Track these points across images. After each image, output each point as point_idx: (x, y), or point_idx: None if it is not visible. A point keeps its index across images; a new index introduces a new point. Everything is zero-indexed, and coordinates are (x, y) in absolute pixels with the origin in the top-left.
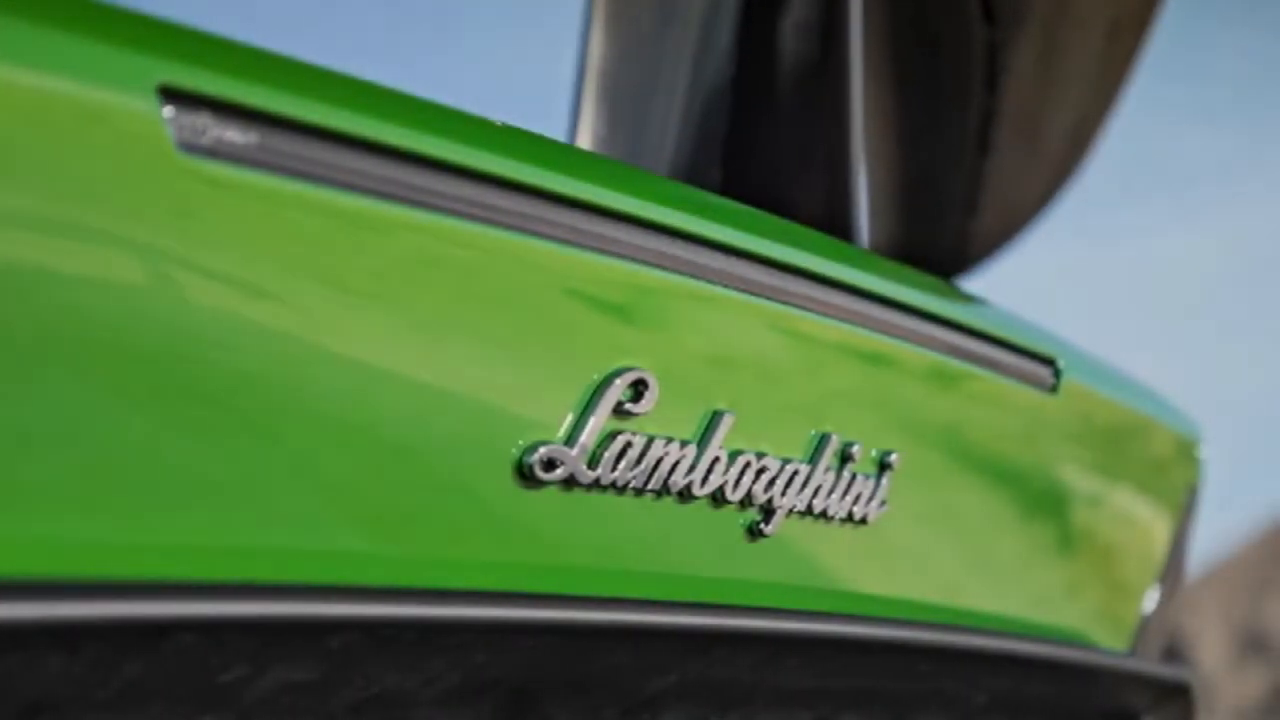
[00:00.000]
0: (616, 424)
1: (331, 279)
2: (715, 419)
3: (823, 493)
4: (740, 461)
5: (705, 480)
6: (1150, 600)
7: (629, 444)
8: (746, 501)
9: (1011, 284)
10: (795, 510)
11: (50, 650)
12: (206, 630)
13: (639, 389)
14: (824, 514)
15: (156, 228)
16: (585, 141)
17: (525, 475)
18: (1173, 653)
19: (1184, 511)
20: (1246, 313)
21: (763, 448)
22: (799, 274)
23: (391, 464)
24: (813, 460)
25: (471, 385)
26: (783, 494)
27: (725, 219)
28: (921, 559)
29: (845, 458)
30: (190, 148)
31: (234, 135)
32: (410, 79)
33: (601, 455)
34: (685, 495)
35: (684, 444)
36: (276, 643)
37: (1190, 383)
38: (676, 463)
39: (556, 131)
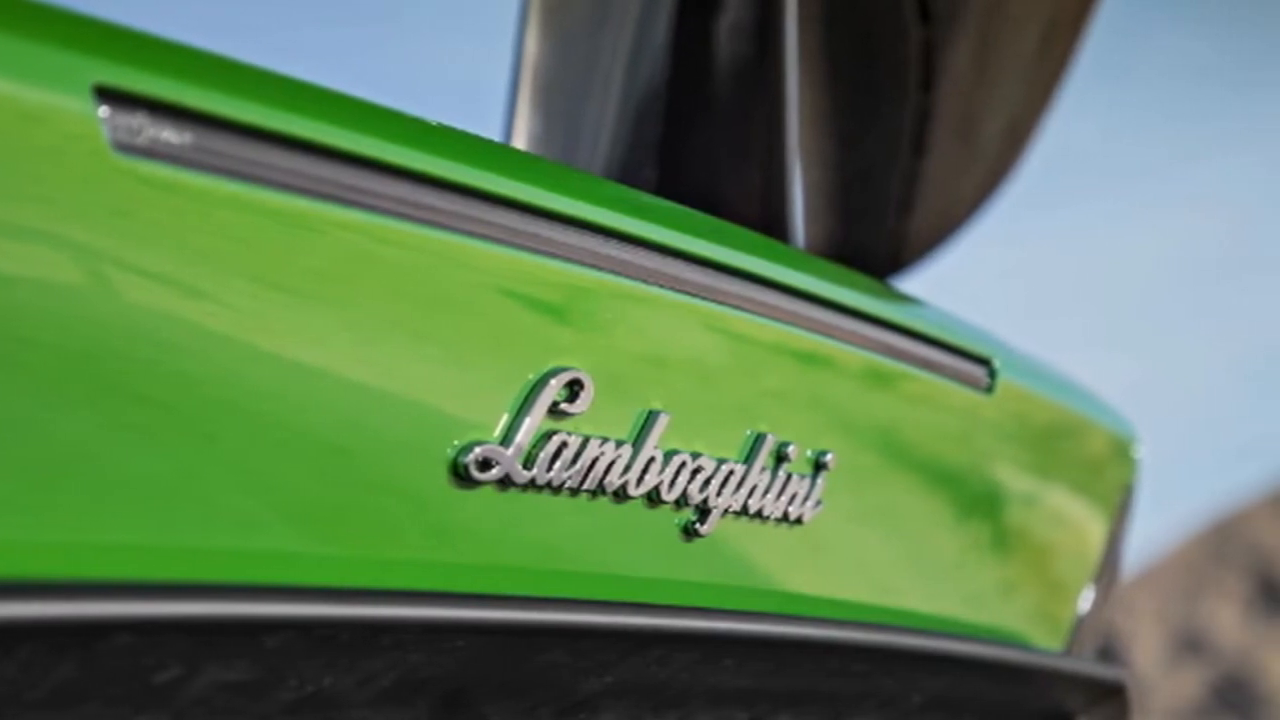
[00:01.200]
0: (552, 424)
1: (267, 279)
2: (651, 419)
3: (758, 493)
4: (676, 462)
5: (641, 480)
6: (1086, 600)
7: (564, 444)
8: (682, 502)
9: (948, 284)
10: (731, 510)
11: None
12: (141, 630)
13: (574, 389)
14: (759, 514)
15: (92, 228)
16: (521, 141)
17: (461, 475)
18: (1108, 653)
19: (1120, 511)
20: (1184, 313)
21: (698, 448)
22: (735, 274)
23: (327, 463)
24: (748, 460)
25: (407, 385)
26: (718, 494)
27: (661, 219)
28: (857, 559)
29: (781, 458)
30: (126, 148)
31: (170, 135)
32: (346, 79)
33: (537, 455)
34: (621, 495)
35: (619, 444)
36: (211, 643)
37: (1126, 383)
38: (612, 463)
39: (492, 131)
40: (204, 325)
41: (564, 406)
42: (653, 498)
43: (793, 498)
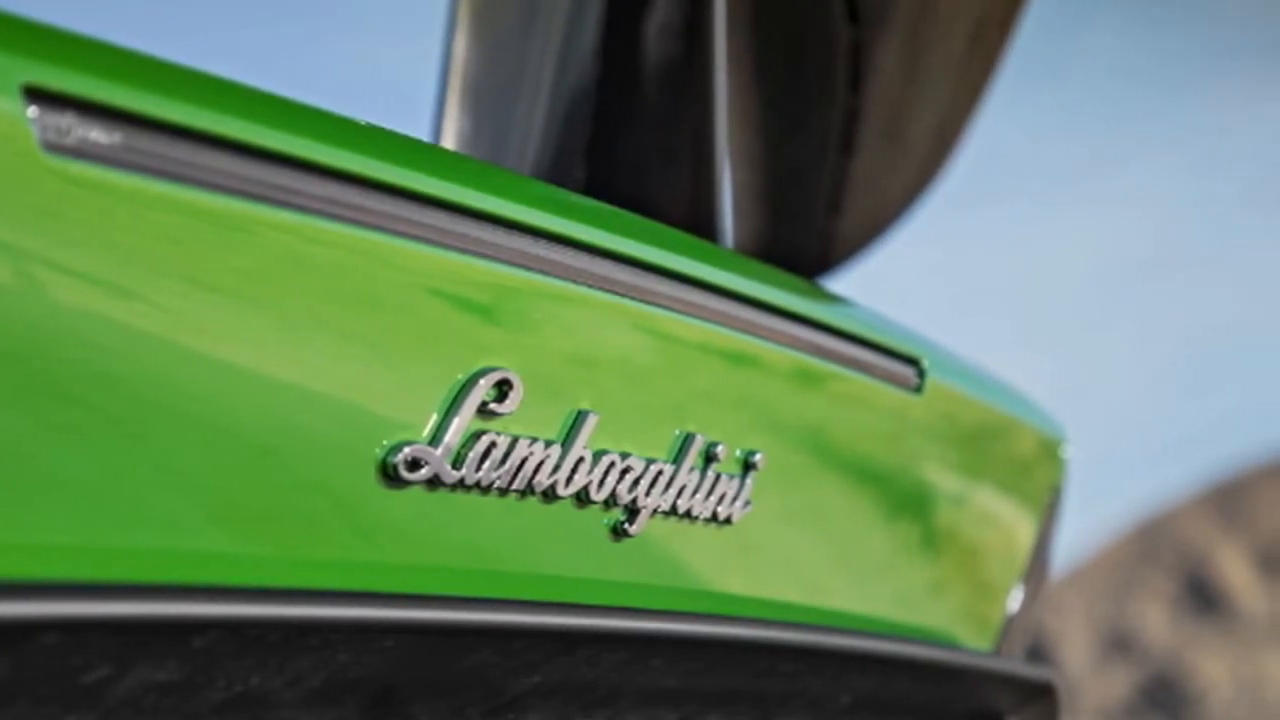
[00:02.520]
0: (481, 424)
1: (196, 279)
2: (580, 419)
3: (687, 493)
4: (605, 461)
5: (570, 480)
6: (1014, 600)
7: (493, 444)
8: (611, 501)
9: (876, 284)
10: (660, 510)
11: None
12: (69, 630)
13: (503, 389)
14: (688, 514)
15: (21, 228)
16: (450, 141)
17: (389, 475)
18: (1037, 653)
19: (1048, 511)
20: (1112, 313)
21: (627, 448)
22: (663, 274)
23: (256, 464)
24: (677, 460)
25: (336, 385)
26: (647, 494)
27: (590, 219)
28: (786, 559)
29: (710, 458)
30: (55, 148)
31: (99, 135)
32: (275, 78)
33: (466, 455)
34: (550, 495)
35: (548, 444)
36: (140, 643)
37: (1055, 382)
38: (541, 463)
39: (421, 131)
40: (133, 325)
41: (493, 406)
42: (582, 498)
43: (721, 498)
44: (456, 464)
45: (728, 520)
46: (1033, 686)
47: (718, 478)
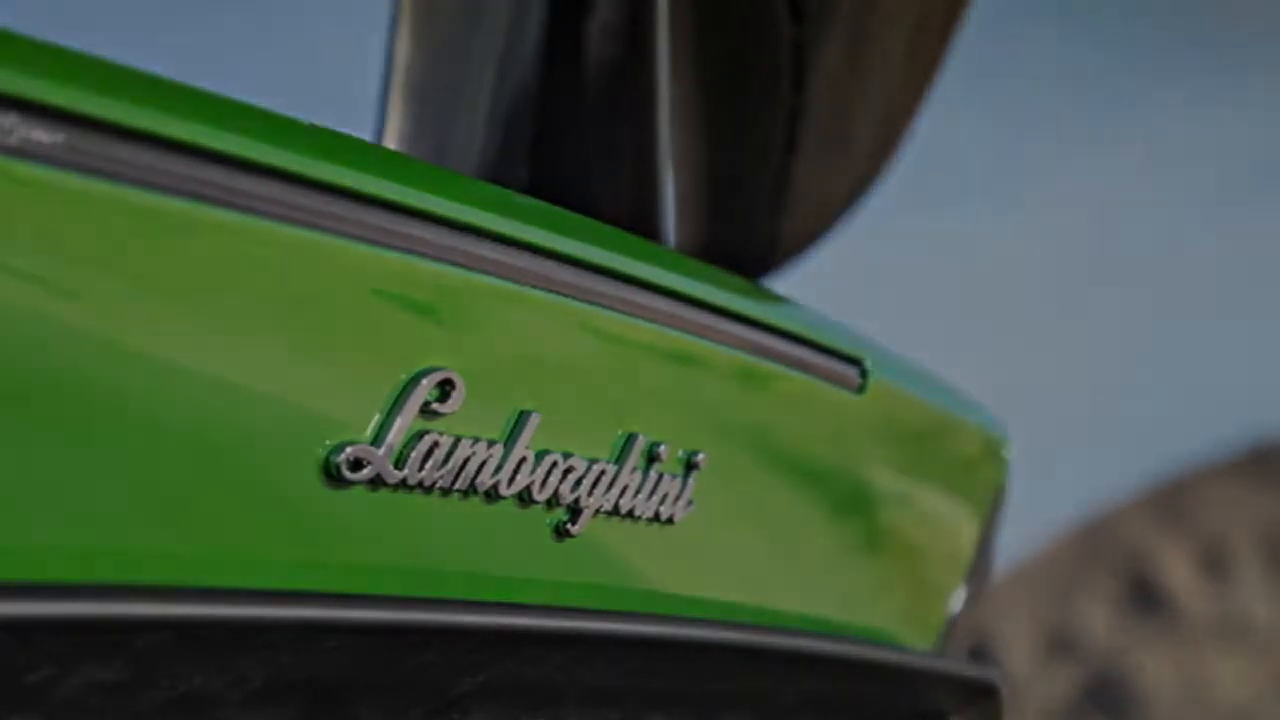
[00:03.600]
0: (423, 424)
1: (139, 279)
2: (522, 419)
3: (629, 493)
4: (547, 461)
5: (512, 480)
6: (957, 600)
7: (436, 444)
8: (553, 501)
9: (820, 284)
10: (602, 510)
11: None
12: (12, 630)
13: (446, 389)
14: (631, 514)
15: None
16: (392, 142)
17: (332, 475)
18: (980, 653)
19: (991, 511)
20: (1055, 313)
21: (569, 448)
22: (606, 274)
23: (199, 464)
24: (619, 460)
25: (279, 385)
26: (590, 494)
27: (532, 219)
28: (729, 559)
29: (652, 458)
30: None
31: (41, 135)
32: (218, 79)
33: (408, 455)
34: (492, 495)
35: (491, 444)
36: (83, 643)
37: (1001, 383)
38: (483, 463)
39: (364, 131)
40: (75, 326)
41: (435, 406)
42: (524, 498)
43: (664, 498)
44: (399, 464)
45: (670, 520)
46: (976, 687)
47: (660, 478)
